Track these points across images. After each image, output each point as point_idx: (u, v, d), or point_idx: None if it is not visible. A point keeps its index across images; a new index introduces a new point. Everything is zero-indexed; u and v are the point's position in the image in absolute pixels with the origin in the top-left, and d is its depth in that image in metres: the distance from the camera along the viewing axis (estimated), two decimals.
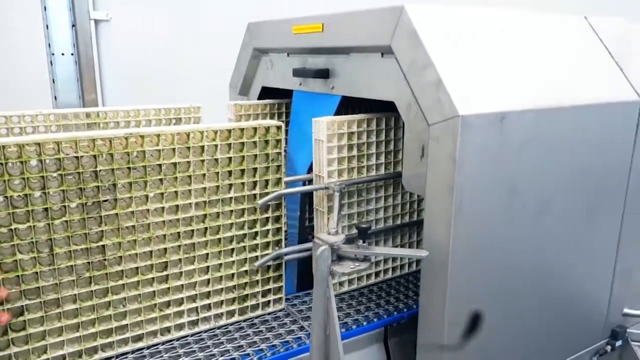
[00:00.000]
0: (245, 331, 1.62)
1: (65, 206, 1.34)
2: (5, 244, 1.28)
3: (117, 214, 1.42)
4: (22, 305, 1.34)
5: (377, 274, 1.96)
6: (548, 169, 1.50)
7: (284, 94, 2.20)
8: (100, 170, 1.36)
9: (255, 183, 1.61)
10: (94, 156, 1.36)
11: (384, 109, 1.78)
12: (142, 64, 3.86)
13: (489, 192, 1.38)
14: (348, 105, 2.18)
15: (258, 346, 1.53)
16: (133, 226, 1.45)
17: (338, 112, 1.84)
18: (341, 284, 1.88)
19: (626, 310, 1.91)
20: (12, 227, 1.28)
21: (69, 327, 1.42)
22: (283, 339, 1.57)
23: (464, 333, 1.50)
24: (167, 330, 1.57)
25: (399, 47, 1.46)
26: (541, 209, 1.51)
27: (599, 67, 1.70)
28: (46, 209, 1.32)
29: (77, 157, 1.33)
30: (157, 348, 1.53)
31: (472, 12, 1.54)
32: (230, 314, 1.66)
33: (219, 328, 1.64)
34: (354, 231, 1.78)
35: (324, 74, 1.84)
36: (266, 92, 2.31)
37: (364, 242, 1.40)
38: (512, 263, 1.51)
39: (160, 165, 1.45)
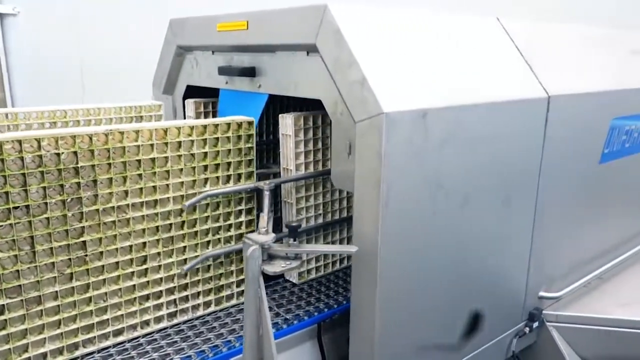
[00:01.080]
0: (224, 320, 1.67)
1: (46, 203, 1.34)
2: None
3: (97, 210, 1.43)
4: (3, 305, 1.33)
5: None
6: (468, 162, 1.54)
7: (210, 93, 2.13)
8: (80, 167, 1.38)
9: (229, 177, 1.67)
10: (74, 152, 1.37)
11: (312, 107, 1.77)
12: (54, 62, 3.61)
13: (414, 186, 1.41)
14: (276, 103, 2.18)
15: (238, 333, 1.59)
16: (113, 221, 1.46)
17: (266, 111, 1.86)
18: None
19: (541, 294, 2.00)
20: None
21: (50, 325, 1.41)
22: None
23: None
24: (147, 323, 1.59)
25: (323, 45, 1.47)
26: (463, 200, 1.56)
27: (510, 66, 1.77)
28: (27, 207, 1.32)
29: (57, 154, 1.34)
30: (139, 341, 1.55)
31: (395, 12, 1.56)
32: (207, 304, 1.71)
33: (197, 319, 1.68)
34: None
35: (250, 72, 1.81)
36: (192, 91, 2.23)
37: (294, 240, 1.41)
38: (437, 253, 1.55)
39: (139, 161, 1.48)
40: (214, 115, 2.23)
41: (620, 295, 2.18)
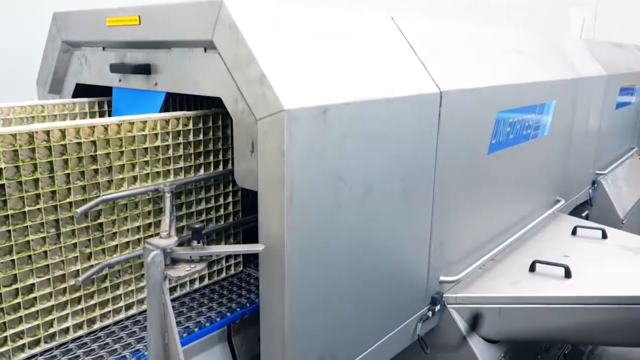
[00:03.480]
0: (220, 291, 1.87)
1: (69, 188, 1.47)
2: (18, 226, 1.38)
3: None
4: (33, 283, 1.44)
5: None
6: (368, 155, 1.58)
7: (103, 92, 2.07)
8: (98, 155, 1.51)
9: (218, 163, 1.86)
10: (93, 142, 1.50)
11: (214, 105, 1.77)
12: None
13: (317, 181, 1.42)
14: (176, 101, 2.14)
15: (235, 301, 1.80)
16: (125, 204, 1.61)
17: (165, 109, 1.79)
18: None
19: (442, 278, 2.08)
20: (25, 209, 1.38)
21: (73, 301, 1.53)
22: (255, 293, 1.86)
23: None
24: None
25: (221, 42, 1.44)
26: (364, 193, 1.59)
27: (405, 63, 1.83)
28: (53, 192, 1.44)
29: (79, 143, 1.47)
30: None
31: (294, 8, 1.56)
32: (201, 279, 1.89)
33: (194, 292, 1.86)
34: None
35: (144, 69, 1.76)
36: (82, 90, 2.13)
37: (198, 242, 1.38)
38: (342, 246, 1.57)
39: (145, 149, 1.63)
40: (108, 115, 2.11)
41: (510, 274, 2.34)
